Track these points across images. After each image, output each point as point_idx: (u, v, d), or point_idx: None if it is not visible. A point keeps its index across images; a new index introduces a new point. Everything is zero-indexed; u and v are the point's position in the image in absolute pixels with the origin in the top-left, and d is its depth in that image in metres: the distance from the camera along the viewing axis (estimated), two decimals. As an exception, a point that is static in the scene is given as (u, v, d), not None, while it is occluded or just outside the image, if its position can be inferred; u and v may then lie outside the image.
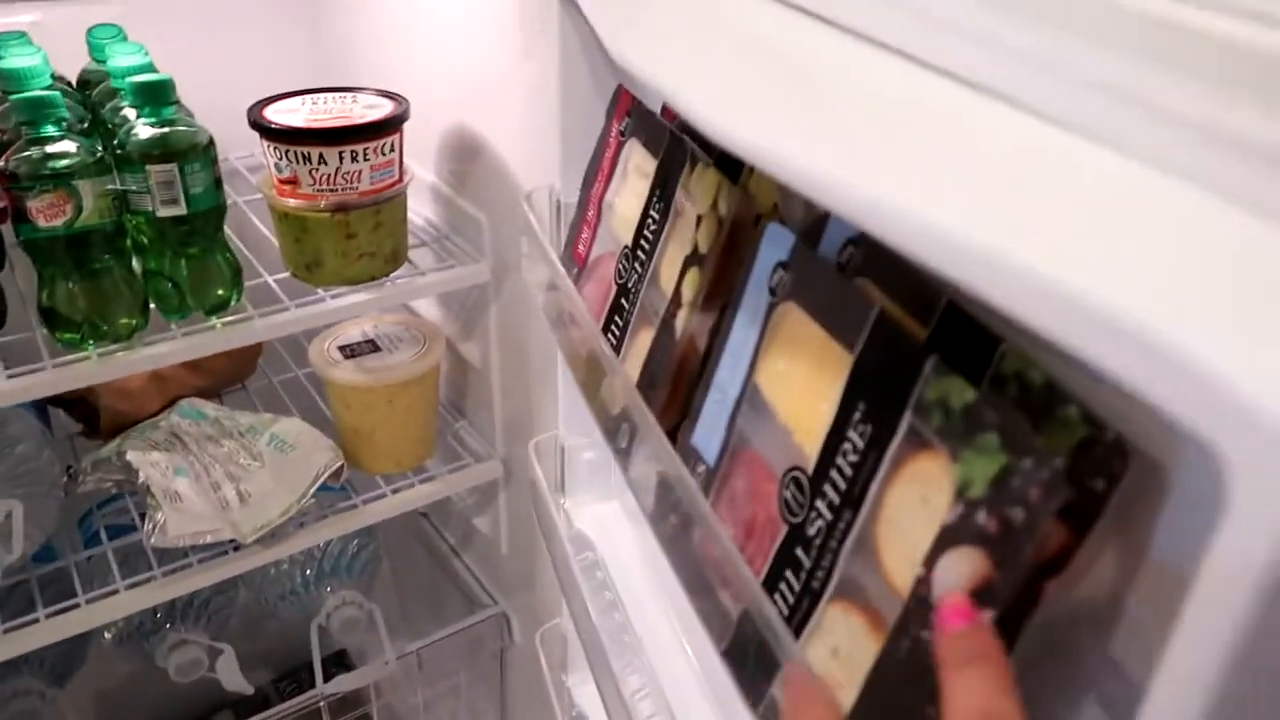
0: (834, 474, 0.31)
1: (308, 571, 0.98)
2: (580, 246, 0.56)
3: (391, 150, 0.75)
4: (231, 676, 0.89)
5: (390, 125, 0.74)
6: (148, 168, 0.67)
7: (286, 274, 0.79)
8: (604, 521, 0.68)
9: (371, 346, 0.86)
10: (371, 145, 0.73)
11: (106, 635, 0.94)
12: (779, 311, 0.36)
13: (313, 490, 0.80)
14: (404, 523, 1.19)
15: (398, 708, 1.13)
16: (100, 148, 0.66)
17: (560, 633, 0.77)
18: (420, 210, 0.90)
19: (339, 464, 0.82)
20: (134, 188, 0.67)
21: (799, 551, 0.33)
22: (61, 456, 0.79)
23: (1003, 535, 0.25)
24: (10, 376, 0.65)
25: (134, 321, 0.69)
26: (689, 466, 0.39)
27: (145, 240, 0.70)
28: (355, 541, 1.01)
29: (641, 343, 0.46)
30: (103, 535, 0.81)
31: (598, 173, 0.55)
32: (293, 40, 1.04)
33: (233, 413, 0.88)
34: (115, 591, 0.75)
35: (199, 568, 0.77)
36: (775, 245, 0.37)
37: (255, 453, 0.83)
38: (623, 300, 0.49)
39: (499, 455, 0.91)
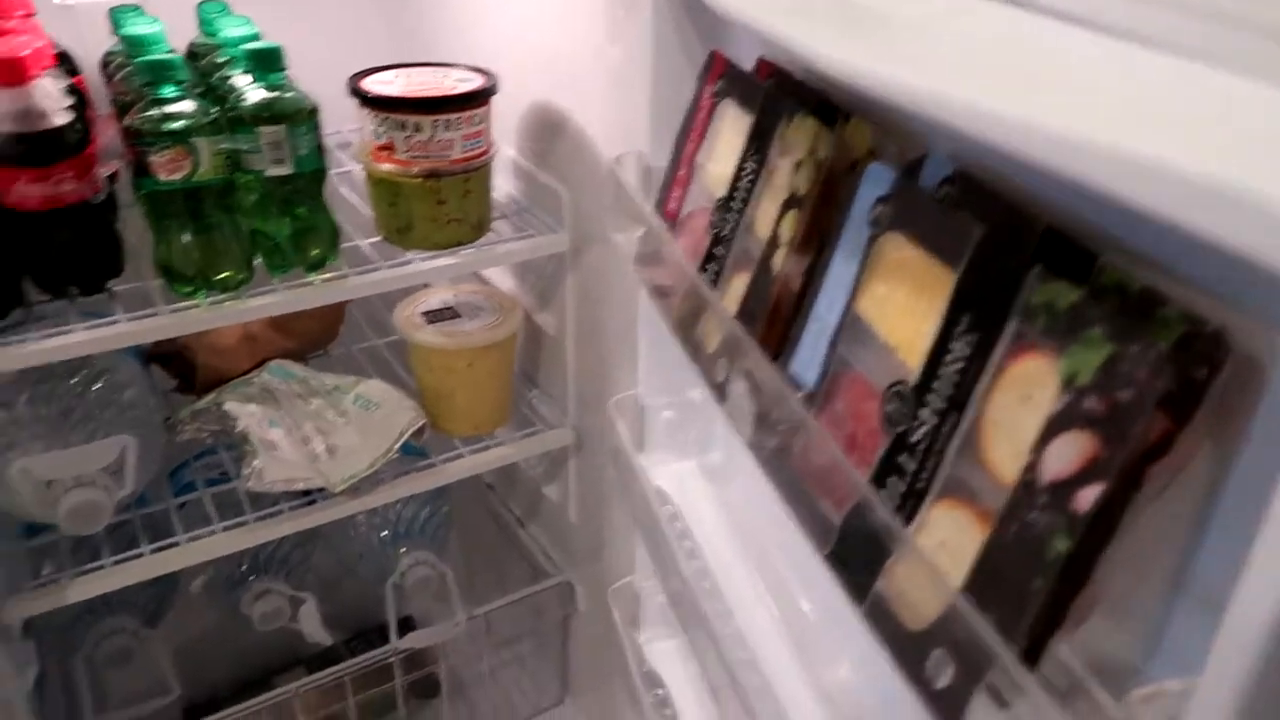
0: (938, 383, 0.34)
1: (383, 533, 1.01)
2: (671, 204, 0.58)
3: (481, 121, 0.79)
4: (312, 626, 0.93)
5: (481, 97, 0.78)
6: (258, 129, 0.71)
7: (378, 239, 0.82)
8: (681, 478, 0.70)
9: (452, 313, 0.89)
10: (463, 115, 0.77)
11: (195, 584, 0.98)
12: (880, 243, 0.38)
13: (398, 445, 0.83)
14: (470, 495, 1.22)
15: (462, 674, 1.16)
16: (215, 109, 0.70)
17: (632, 591, 0.79)
18: (501, 185, 0.93)
19: (422, 422, 0.85)
20: (245, 148, 0.71)
21: (903, 459, 0.35)
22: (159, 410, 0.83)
23: (1110, 415, 0.27)
24: (129, 320, 0.69)
25: (241, 275, 0.73)
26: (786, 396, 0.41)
27: (253, 199, 0.74)
28: (428, 508, 1.05)
29: (736, 286, 0.48)
30: (198, 485, 0.85)
31: (690, 134, 0.57)
32: (374, 22, 1.08)
33: (319, 374, 0.92)
34: (212, 533, 0.79)
35: (289, 514, 0.81)
36: (876, 183, 0.39)
37: (341, 410, 0.87)
38: (716, 249, 0.51)
39: (571, 423, 0.93)
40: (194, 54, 0.88)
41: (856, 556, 0.36)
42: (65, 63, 0.77)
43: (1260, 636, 0.22)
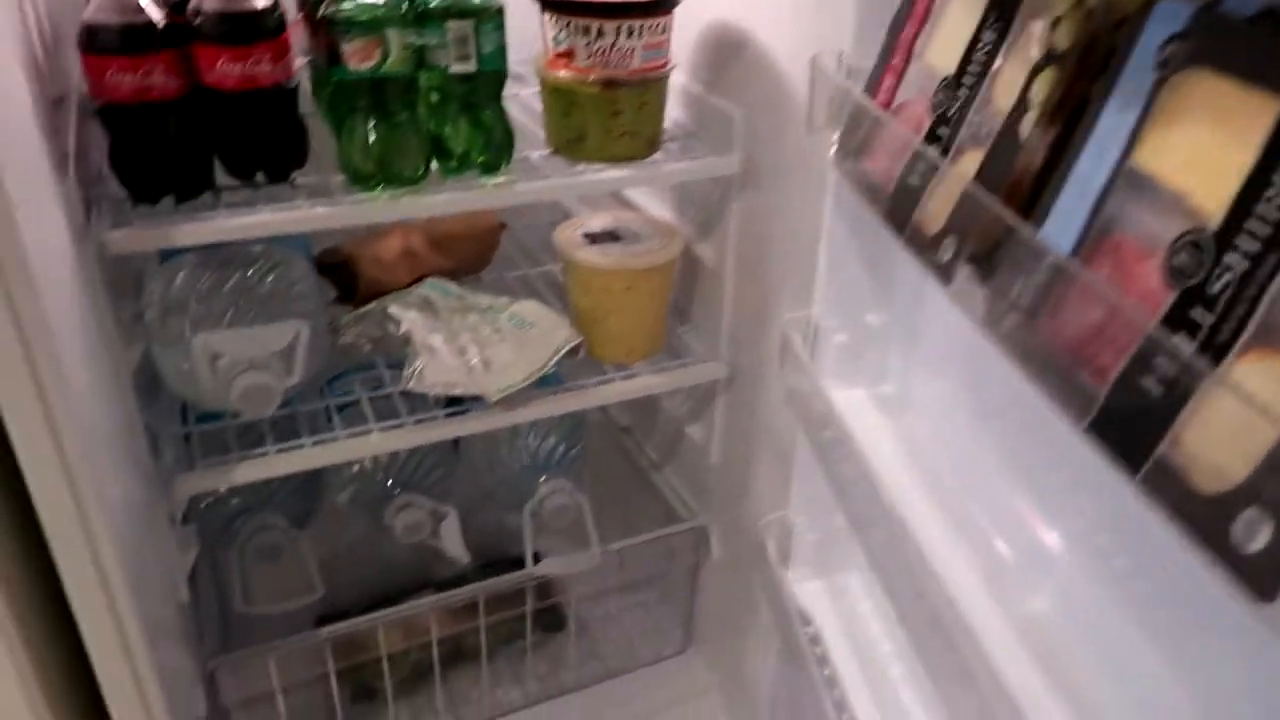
0: (1253, 223, 0.30)
1: (524, 462, 1.01)
2: (881, 95, 0.55)
3: (663, 31, 0.77)
4: (452, 541, 0.93)
5: (666, 4, 0.76)
6: (446, 23, 0.70)
7: (548, 152, 0.81)
8: (851, 405, 0.67)
9: (613, 237, 0.88)
10: (647, 23, 0.75)
11: (342, 496, 1.00)
12: (1170, 85, 0.34)
13: (553, 362, 0.82)
14: (606, 438, 1.21)
15: (586, 614, 1.15)
16: (406, 3, 0.70)
17: (785, 524, 0.77)
18: (669, 112, 0.91)
19: (578, 340, 0.84)
20: (432, 42, 0.71)
21: (1195, 313, 0.31)
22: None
23: None
24: (311, 205, 0.70)
25: (418, 172, 0.73)
26: (1035, 263, 0.38)
27: (435, 97, 0.74)
28: (566, 442, 1.04)
29: (966, 164, 0.45)
30: (357, 387, 0.86)
31: (908, 19, 0.54)
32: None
33: (475, 293, 0.92)
34: (369, 432, 0.80)
35: (443, 421, 0.82)
36: (1166, 21, 0.35)
37: (497, 327, 0.87)
38: (940, 129, 0.48)
39: (723, 358, 0.91)
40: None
41: (1129, 424, 0.32)
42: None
43: None
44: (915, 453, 0.63)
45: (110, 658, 0.64)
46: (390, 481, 0.98)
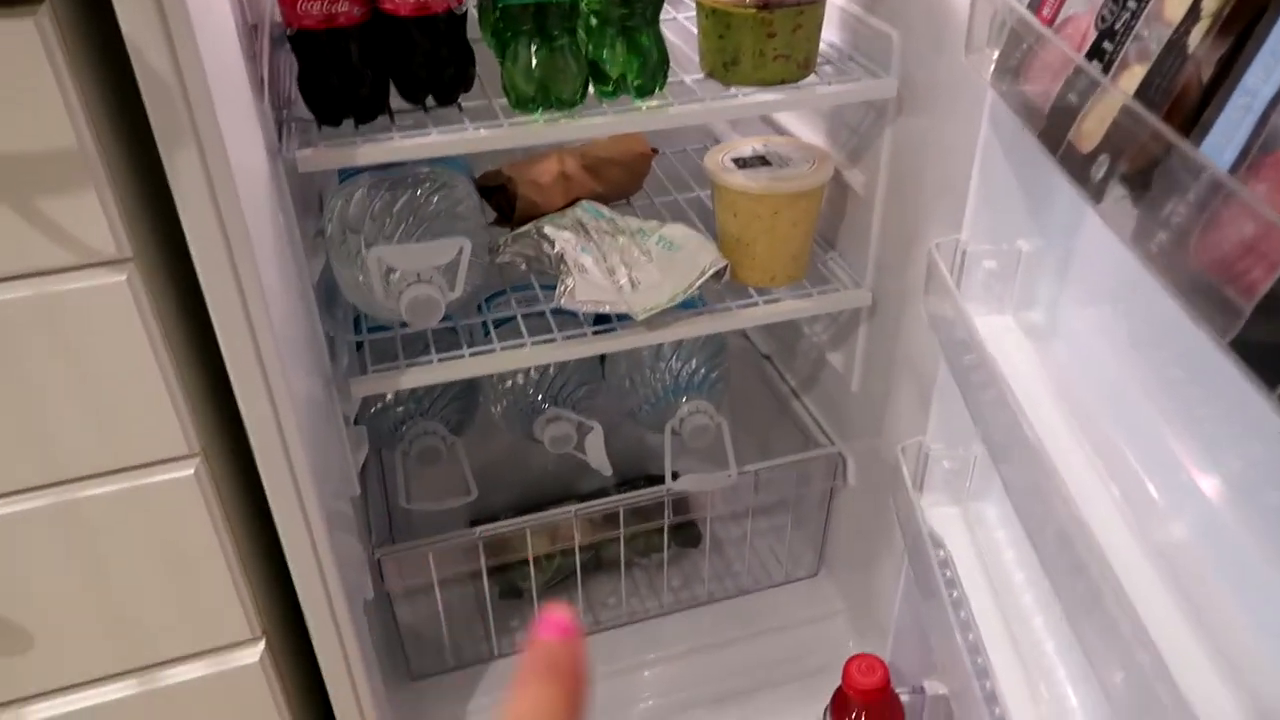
0: None
1: (666, 383, 1.05)
2: (1046, 10, 0.54)
3: (820, -48, 0.76)
4: (597, 453, 0.98)
5: (824, -75, 0.75)
6: (607, -52, 0.72)
7: (701, 76, 0.83)
8: (996, 331, 0.66)
9: (763, 161, 0.89)
10: (805, -57, 0.75)
11: (496, 409, 1.06)
12: (1352, -9, 0.33)
13: (699, 283, 0.85)
14: (746, 364, 1.24)
15: (721, 534, 1.19)
16: (568, -73, 0.73)
17: (922, 450, 0.77)
18: (826, 32, 0.90)
19: (723, 264, 0.86)
20: (592, -33, 0.73)
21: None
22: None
23: None
24: (477, 128, 0.74)
25: (576, 95, 0.76)
26: (1192, 179, 0.37)
27: (593, 23, 0.76)
28: (707, 365, 1.06)
29: (1128, 80, 0.44)
30: (512, 305, 0.91)
31: (1077, -69, 0.52)
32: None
33: (625, 216, 0.95)
34: (523, 345, 0.85)
35: (591, 338, 0.86)
36: (1354, -76, 0.33)
37: (645, 250, 0.90)
38: (1104, 43, 0.47)
39: (868, 285, 0.91)
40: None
41: (1274, 339, 0.32)
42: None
43: None
44: (1060, 380, 0.62)
45: (295, 531, 0.72)
46: (540, 397, 1.04)
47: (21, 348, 0.60)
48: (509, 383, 1.05)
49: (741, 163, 0.88)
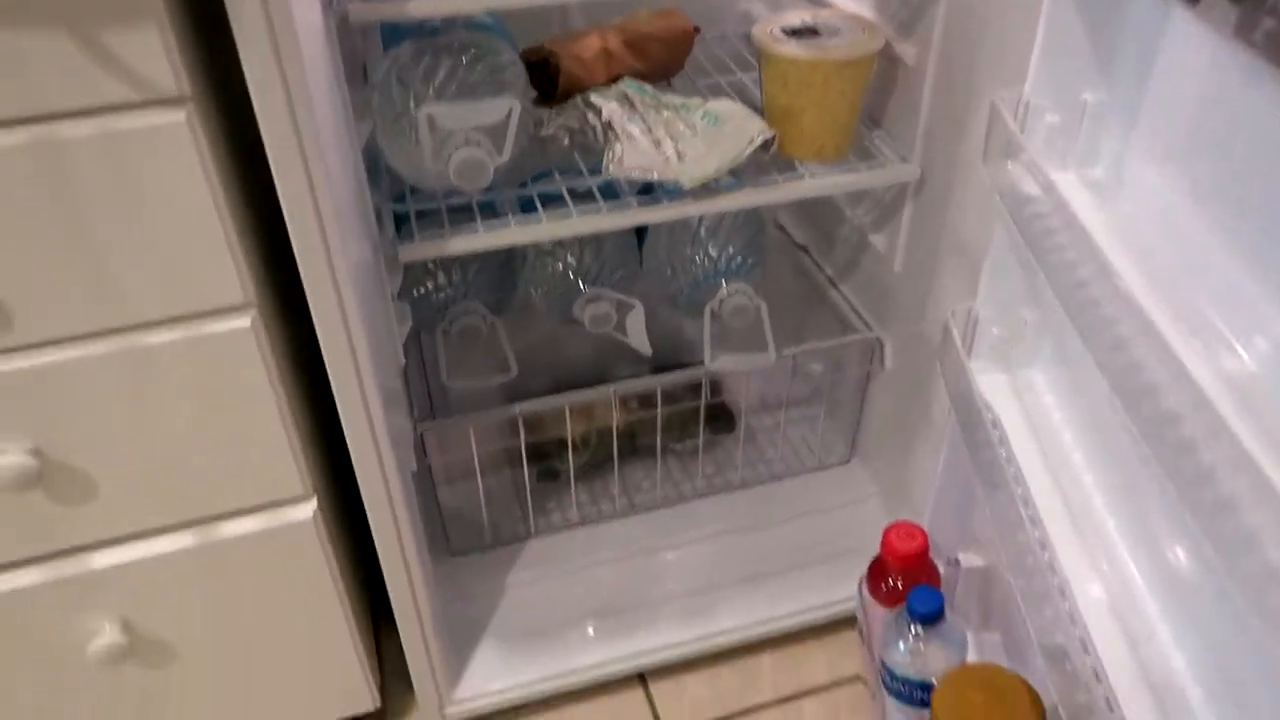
0: None
1: (705, 267, 1.04)
2: None
3: None
4: (637, 332, 0.98)
5: None
6: None
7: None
8: (1060, 186, 0.65)
9: (812, 32, 0.87)
10: None
11: (536, 293, 1.06)
12: None
13: (746, 152, 0.84)
14: (782, 255, 1.23)
15: (755, 423, 1.20)
16: None
17: (971, 315, 0.77)
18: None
19: (771, 134, 0.85)
20: None
21: None
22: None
23: None
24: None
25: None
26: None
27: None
28: (745, 250, 1.06)
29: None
30: (557, 178, 0.90)
31: None
32: None
33: (668, 93, 0.94)
34: (568, 214, 0.84)
35: (637, 208, 0.85)
36: None
37: (690, 124, 0.89)
38: None
39: (917, 160, 0.90)
40: None
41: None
42: None
43: None
44: (1126, 235, 0.62)
45: (349, 390, 0.73)
46: (579, 281, 1.04)
47: (82, 187, 0.60)
48: (548, 268, 1.05)
49: (791, 32, 0.87)
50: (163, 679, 0.83)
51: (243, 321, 0.68)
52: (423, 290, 1.02)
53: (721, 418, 1.19)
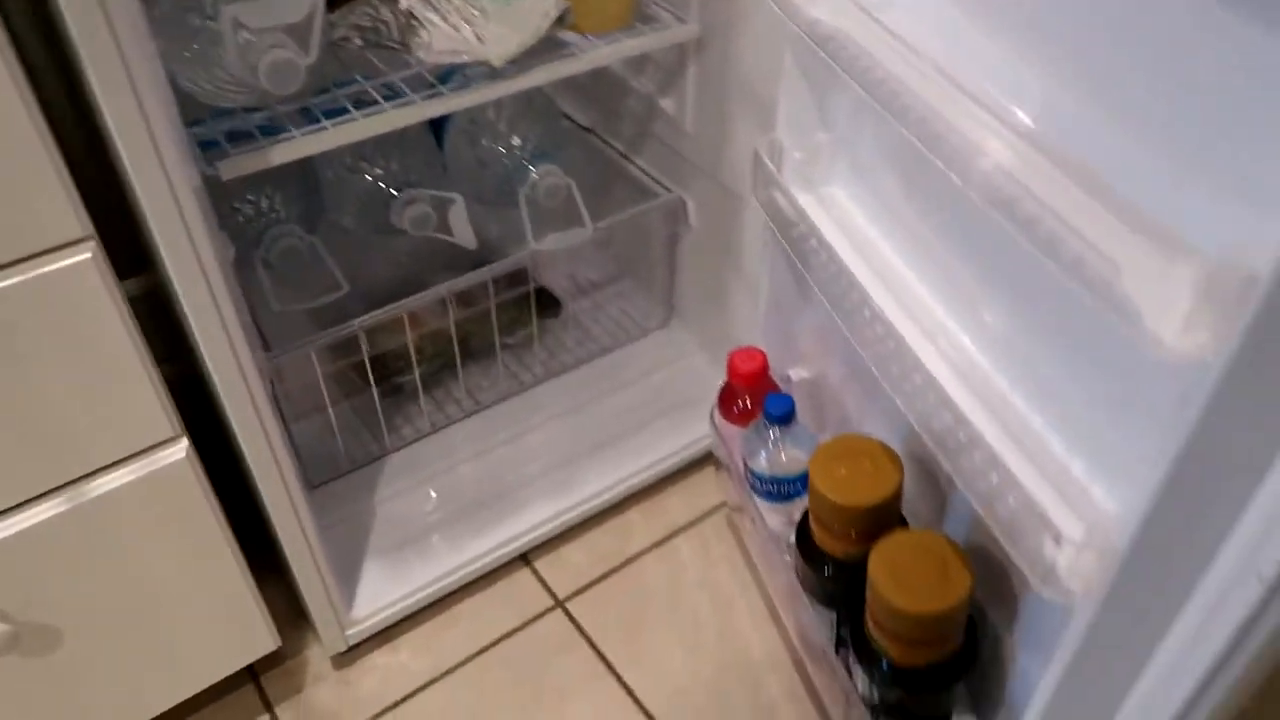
0: None
1: (509, 159, 1.07)
2: None
3: None
4: (461, 226, 1.00)
5: None
6: None
7: None
8: (838, 11, 0.74)
9: (580, -95, 0.91)
10: None
11: (346, 210, 1.05)
12: None
13: (545, 26, 0.87)
14: (570, 139, 1.28)
15: (577, 307, 1.26)
16: None
17: (775, 144, 0.86)
18: None
19: (565, 5, 0.89)
20: None
21: None
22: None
23: None
24: None
25: None
26: None
27: None
28: (545, 135, 1.09)
29: None
30: (359, 79, 0.89)
31: None
32: None
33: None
34: (383, 110, 0.84)
35: (451, 94, 0.87)
36: None
37: (479, 7, 0.90)
38: None
39: (695, 19, 0.97)
40: None
41: None
42: None
43: None
44: (906, 39, 0.71)
45: (207, 315, 0.71)
46: (391, 187, 1.03)
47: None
48: (355, 184, 1.04)
49: (561, -93, 0.90)
50: (55, 662, 0.78)
51: (84, 255, 0.64)
52: (235, 221, 0.98)
53: (548, 304, 1.23)
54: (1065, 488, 0.62)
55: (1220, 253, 0.43)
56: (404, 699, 0.98)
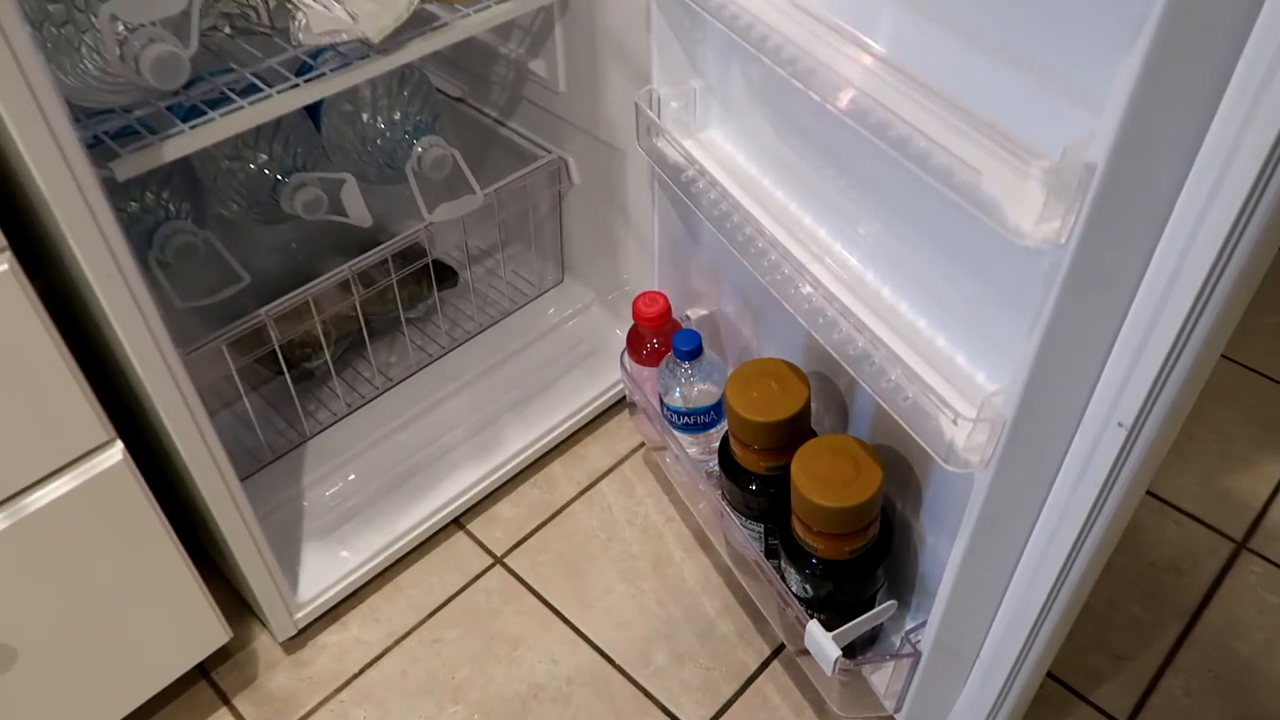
0: None
1: (393, 130, 1.08)
2: None
3: None
4: (355, 204, 1.01)
5: None
6: None
7: None
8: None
9: (436, -123, 0.92)
10: None
11: (233, 202, 1.04)
12: None
13: (415, 2, 0.89)
14: (442, 110, 1.29)
15: (473, 277, 1.28)
16: None
17: (654, 95, 0.91)
18: None
19: (433, -22, 0.91)
20: None
21: None
22: None
23: None
24: None
25: None
26: None
27: None
28: (422, 108, 1.11)
29: None
30: (234, 67, 0.89)
31: None
32: None
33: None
34: (269, 96, 0.85)
35: (334, 74, 0.87)
36: None
37: (348, -14, 0.91)
38: None
39: (557, -19, 1.01)
40: None
41: None
42: None
43: None
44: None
45: (132, 320, 0.72)
46: (277, 175, 1.03)
47: None
48: (239, 174, 1.03)
49: (417, -119, 0.91)
50: (9, 682, 0.77)
51: (2, 266, 0.64)
52: (121, 221, 0.96)
53: (445, 275, 1.26)
54: (953, 377, 0.71)
55: (1064, 150, 0.51)
56: (361, 670, 1.01)
